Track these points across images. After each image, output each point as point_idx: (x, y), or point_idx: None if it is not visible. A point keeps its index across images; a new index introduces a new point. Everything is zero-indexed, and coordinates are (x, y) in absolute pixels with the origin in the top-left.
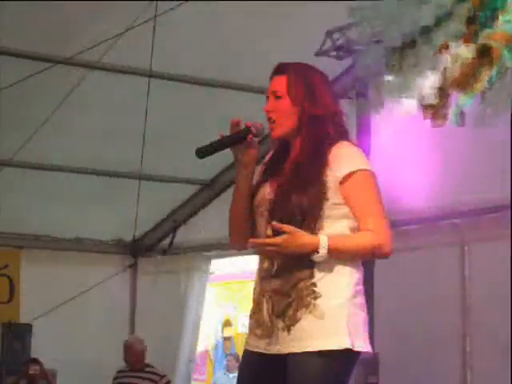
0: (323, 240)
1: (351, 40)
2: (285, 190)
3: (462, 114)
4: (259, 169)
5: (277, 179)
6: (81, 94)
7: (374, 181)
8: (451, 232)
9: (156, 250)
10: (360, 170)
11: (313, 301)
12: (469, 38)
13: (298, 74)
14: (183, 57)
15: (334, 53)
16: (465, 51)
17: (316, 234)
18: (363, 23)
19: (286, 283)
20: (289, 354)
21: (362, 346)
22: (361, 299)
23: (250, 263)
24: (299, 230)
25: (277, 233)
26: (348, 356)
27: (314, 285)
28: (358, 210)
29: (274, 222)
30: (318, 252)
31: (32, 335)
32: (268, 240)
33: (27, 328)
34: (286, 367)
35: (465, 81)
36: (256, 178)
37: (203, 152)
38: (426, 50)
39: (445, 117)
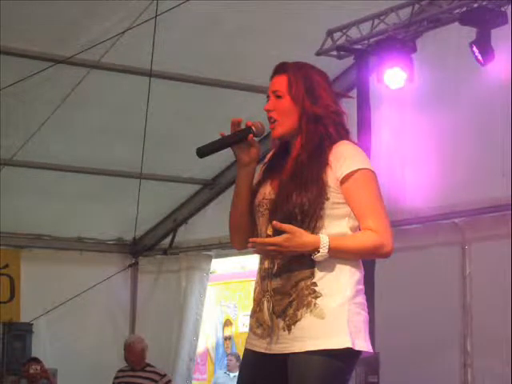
0: (324, 239)
1: (352, 39)
2: (285, 190)
3: None
4: (260, 168)
5: (277, 179)
6: (81, 94)
7: (375, 180)
8: (451, 232)
9: (156, 249)
10: (361, 169)
11: (313, 300)
12: None
13: (298, 74)
14: (183, 57)
15: (334, 52)
16: None
17: (316, 233)
18: None
19: (287, 283)
20: (289, 354)
21: (363, 345)
22: (361, 299)
23: (250, 263)
24: (299, 229)
25: (277, 232)
26: (349, 355)
27: (315, 284)
28: (358, 210)
29: (275, 222)
30: (318, 251)
31: (32, 334)
32: (268, 239)
33: (28, 327)
34: (286, 367)
35: None
36: (257, 177)
37: (204, 151)
38: None
39: None
